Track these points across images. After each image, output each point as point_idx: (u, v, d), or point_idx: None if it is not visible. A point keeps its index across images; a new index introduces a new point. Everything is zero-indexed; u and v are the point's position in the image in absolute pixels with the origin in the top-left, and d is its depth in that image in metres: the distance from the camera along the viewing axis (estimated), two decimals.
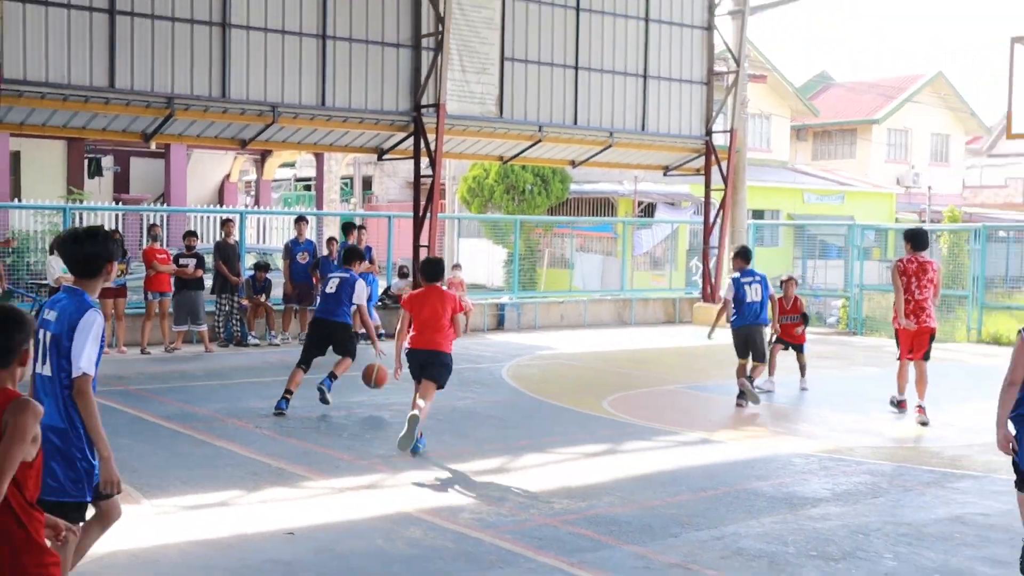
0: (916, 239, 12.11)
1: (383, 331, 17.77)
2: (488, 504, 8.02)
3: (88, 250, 5.12)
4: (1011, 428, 6.03)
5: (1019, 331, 6.30)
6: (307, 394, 13.06)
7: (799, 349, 14.63)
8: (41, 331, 5.07)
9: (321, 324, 11.99)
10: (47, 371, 5.07)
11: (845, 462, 9.88)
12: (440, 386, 9.85)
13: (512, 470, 9.34)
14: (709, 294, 24.49)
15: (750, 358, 12.67)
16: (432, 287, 9.82)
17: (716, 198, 25.01)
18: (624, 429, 11.37)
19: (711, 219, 24.92)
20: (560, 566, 6.59)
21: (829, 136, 49.72)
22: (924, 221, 39.35)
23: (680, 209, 33.36)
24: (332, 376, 11.87)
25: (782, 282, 14.98)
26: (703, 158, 24.99)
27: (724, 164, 24.63)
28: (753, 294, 12.64)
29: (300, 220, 18.94)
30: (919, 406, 11.69)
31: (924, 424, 11.52)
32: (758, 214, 34.59)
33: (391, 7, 19.91)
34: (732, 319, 12.76)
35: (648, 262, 30.03)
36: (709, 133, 24.84)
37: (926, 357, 11.97)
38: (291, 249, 18.55)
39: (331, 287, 11.96)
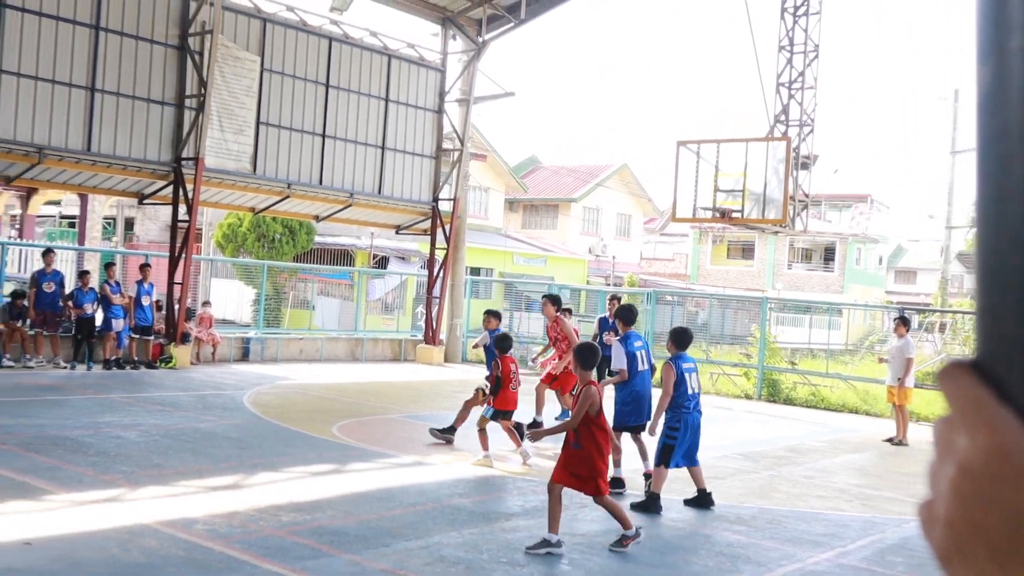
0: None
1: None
2: (221, 516, 7.67)
3: None
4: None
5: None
6: (59, 412, 12.22)
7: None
8: None
9: None
10: None
11: (534, 483, 10.07)
12: None
13: (245, 486, 8.99)
14: (431, 336, 24.65)
15: None
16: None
17: (440, 255, 25.28)
18: (349, 451, 11.20)
19: (435, 273, 25.15)
20: (283, 572, 6.37)
21: (536, 209, 51.33)
22: (609, 284, 41.14)
23: (409, 263, 33.51)
24: None
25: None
26: (430, 220, 25.23)
27: (448, 227, 24.96)
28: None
29: (47, 252, 18.11)
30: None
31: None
32: (475, 271, 35.17)
33: (158, 68, 19.15)
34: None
35: (380, 307, 29.91)
36: (436, 200, 25.14)
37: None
38: (37, 279, 17.54)
39: None
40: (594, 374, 7.74)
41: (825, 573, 7.45)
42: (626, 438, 10.26)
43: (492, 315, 13.55)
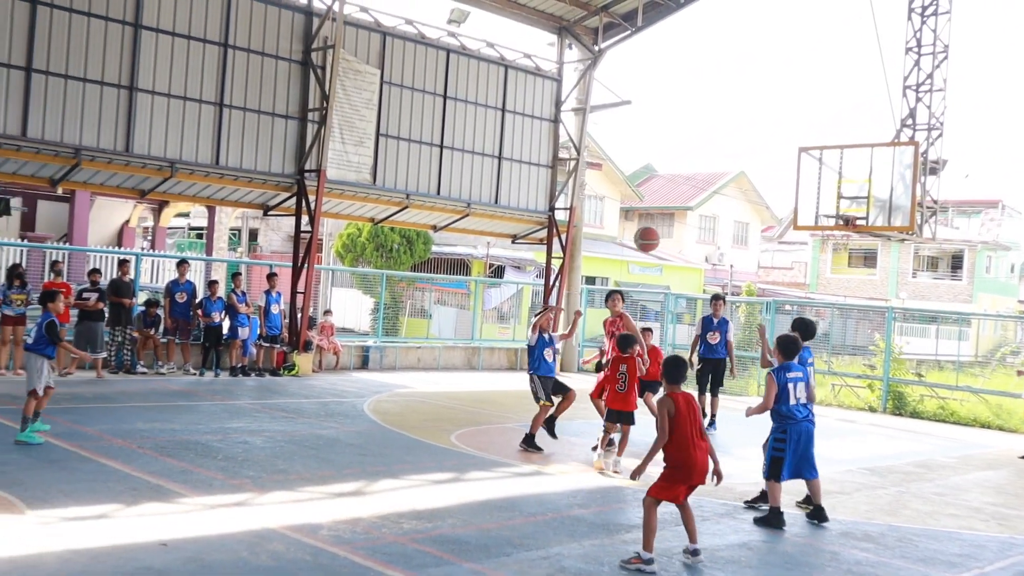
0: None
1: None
2: (344, 522, 7.80)
3: None
4: None
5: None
6: (189, 418, 12.62)
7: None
8: None
9: None
10: None
11: None
12: None
13: (368, 492, 9.13)
14: None
15: None
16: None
17: (556, 264, 25.30)
18: (468, 460, 11.27)
19: (551, 282, 25.17)
20: None
21: (652, 218, 50.95)
22: (727, 293, 40.53)
23: (525, 272, 33.65)
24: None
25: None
26: (546, 230, 25.28)
27: (563, 236, 24.96)
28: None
29: (181, 263, 18.55)
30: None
31: None
32: (590, 280, 35.11)
33: (282, 84, 19.71)
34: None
35: (496, 316, 30.10)
36: (552, 209, 25.17)
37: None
38: (171, 289, 18.16)
39: None
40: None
41: None
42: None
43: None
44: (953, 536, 9.13)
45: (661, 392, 7.63)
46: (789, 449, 8.87)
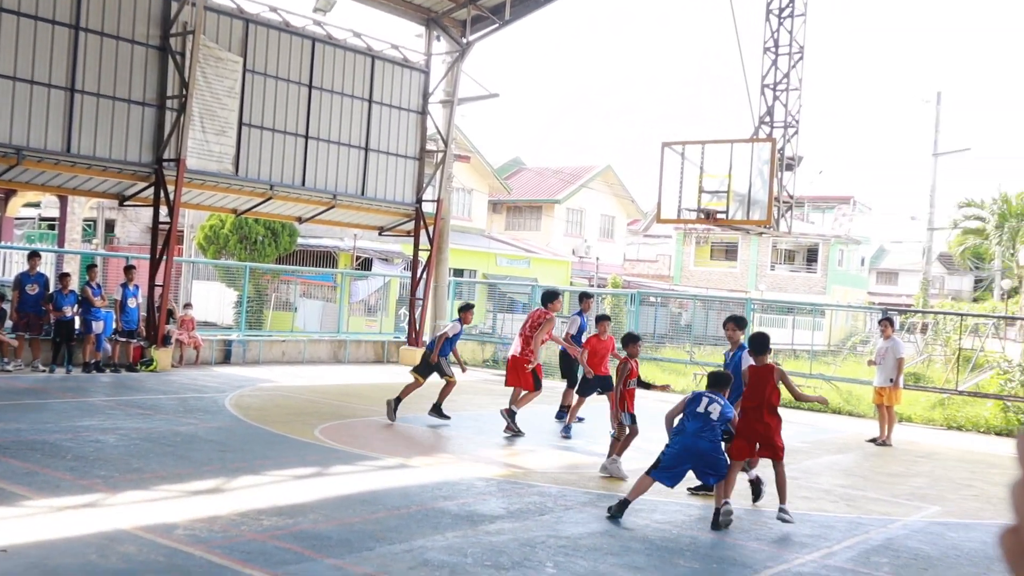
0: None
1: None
2: (201, 521, 7.57)
3: None
4: None
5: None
6: (37, 416, 12.08)
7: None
8: None
9: None
10: None
11: (519, 485, 10.03)
12: None
13: (227, 490, 8.89)
14: (414, 338, 24.57)
15: None
16: None
17: (423, 257, 25.19)
18: (332, 454, 11.11)
19: (418, 274, 25.05)
20: None
21: (519, 211, 51.29)
22: (593, 285, 41.11)
23: (392, 264, 33.40)
24: None
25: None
26: (413, 222, 25.15)
27: (431, 228, 24.88)
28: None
29: (33, 255, 17.78)
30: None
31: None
32: (458, 272, 35.10)
33: (139, 70, 19.01)
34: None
35: (363, 309, 29.79)
36: (419, 201, 25.05)
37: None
38: (21, 281, 17.31)
39: None
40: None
41: (811, 574, 7.42)
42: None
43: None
44: (805, 518, 9.46)
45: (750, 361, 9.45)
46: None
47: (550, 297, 14.37)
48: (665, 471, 8.77)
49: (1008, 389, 19.08)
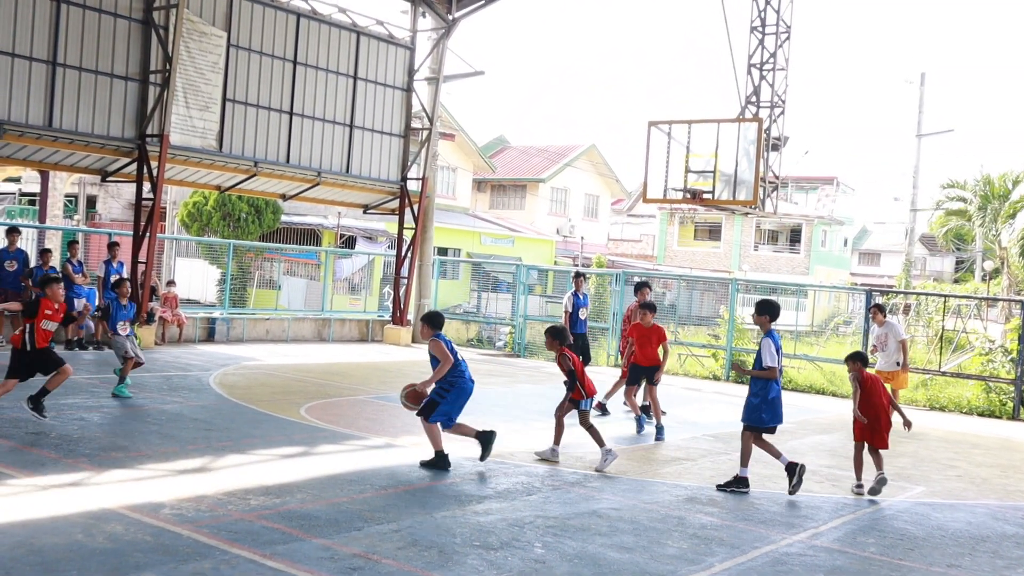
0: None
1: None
2: (188, 500, 7.53)
3: None
4: None
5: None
6: (19, 395, 11.97)
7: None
8: None
9: None
10: None
11: (506, 465, 10.02)
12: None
13: (213, 469, 8.84)
14: (398, 317, 24.52)
15: None
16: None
17: (408, 235, 25.10)
18: (318, 433, 11.06)
19: (403, 253, 24.96)
20: (253, 557, 6.24)
21: (504, 190, 51.19)
22: (577, 264, 41.11)
23: (377, 243, 33.29)
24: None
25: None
26: (398, 200, 25.03)
27: (416, 207, 24.78)
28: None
29: (12, 231, 17.60)
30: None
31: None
32: (443, 251, 35.03)
33: (122, 43, 18.78)
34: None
35: (347, 287, 29.69)
36: (404, 179, 24.93)
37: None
38: (0, 257, 17.14)
39: None
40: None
41: (799, 555, 7.44)
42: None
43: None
44: (791, 498, 9.49)
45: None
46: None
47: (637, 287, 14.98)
48: None
49: (990, 370, 19.20)
